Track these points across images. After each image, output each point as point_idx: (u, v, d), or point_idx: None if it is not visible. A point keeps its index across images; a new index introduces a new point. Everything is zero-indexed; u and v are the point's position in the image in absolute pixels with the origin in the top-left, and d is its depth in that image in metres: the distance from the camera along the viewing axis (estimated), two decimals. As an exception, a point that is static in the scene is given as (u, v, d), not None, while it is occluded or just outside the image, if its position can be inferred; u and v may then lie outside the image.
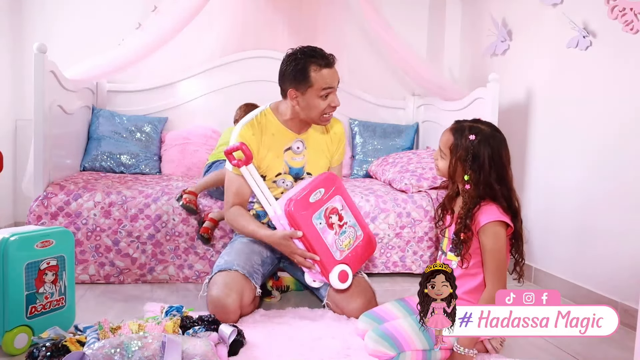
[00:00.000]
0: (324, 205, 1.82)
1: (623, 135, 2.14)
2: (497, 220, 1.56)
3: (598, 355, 1.77)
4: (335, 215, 1.83)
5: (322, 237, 1.78)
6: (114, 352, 1.32)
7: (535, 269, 2.62)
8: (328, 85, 1.91)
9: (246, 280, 1.87)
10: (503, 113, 2.72)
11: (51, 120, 2.37)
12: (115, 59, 2.79)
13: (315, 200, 1.79)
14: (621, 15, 2.11)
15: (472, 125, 1.62)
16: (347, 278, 1.81)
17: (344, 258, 1.82)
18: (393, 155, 3.09)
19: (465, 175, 1.59)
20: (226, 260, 1.94)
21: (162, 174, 3.06)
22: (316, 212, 1.79)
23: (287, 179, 2.03)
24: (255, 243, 2.04)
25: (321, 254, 1.77)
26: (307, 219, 1.77)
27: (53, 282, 1.66)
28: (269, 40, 3.44)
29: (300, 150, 2.03)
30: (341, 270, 1.79)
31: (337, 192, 1.87)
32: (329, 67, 1.92)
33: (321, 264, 1.78)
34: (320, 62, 1.91)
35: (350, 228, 1.87)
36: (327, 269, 1.78)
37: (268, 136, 1.99)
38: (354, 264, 1.85)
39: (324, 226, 1.79)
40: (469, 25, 3.47)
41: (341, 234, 1.84)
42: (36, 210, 2.25)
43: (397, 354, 1.54)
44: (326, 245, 1.78)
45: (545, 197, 2.59)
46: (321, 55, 1.93)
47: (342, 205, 1.87)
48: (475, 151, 1.57)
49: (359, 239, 1.88)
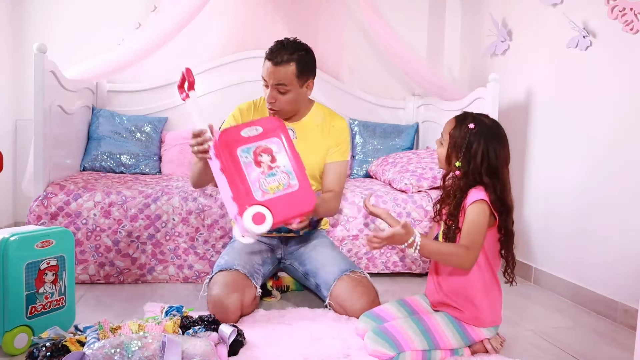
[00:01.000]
0: (256, 142, 1.64)
1: (623, 135, 2.14)
2: (482, 199, 1.56)
3: (598, 355, 1.77)
4: (267, 155, 1.64)
5: (243, 171, 1.60)
6: (114, 352, 1.32)
7: (535, 269, 2.62)
8: (264, 76, 2.00)
9: (247, 280, 1.87)
10: (503, 113, 2.72)
11: (51, 120, 2.37)
12: (115, 59, 2.79)
13: (247, 135, 1.64)
14: (621, 15, 2.11)
15: (475, 116, 1.65)
16: (263, 221, 1.58)
17: (265, 200, 1.60)
18: (393, 155, 3.09)
19: (457, 161, 1.60)
20: (226, 260, 1.94)
21: (162, 174, 3.06)
22: (244, 146, 1.63)
23: None
24: (256, 244, 2.04)
25: (238, 188, 1.59)
26: (231, 148, 1.61)
27: (53, 282, 1.66)
28: (269, 40, 3.38)
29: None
30: (258, 211, 1.57)
31: (276, 136, 1.67)
32: (269, 61, 1.97)
33: (237, 198, 1.59)
34: (267, 52, 1.99)
35: (283, 174, 1.64)
36: (242, 207, 1.58)
37: (260, 115, 2.06)
38: (278, 212, 1.61)
39: (250, 161, 1.62)
40: (469, 25, 3.47)
41: (269, 175, 1.63)
42: (36, 210, 2.25)
43: (396, 354, 1.54)
44: (247, 180, 1.60)
45: (545, 197, 2.59)
46: (273, 47, 1.99)
47: (279, 149, 1.67)
48: (470, 140, 1.59)
49: (291, 188, 1.64)
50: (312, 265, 2.04)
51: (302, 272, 2.09)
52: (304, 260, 2.08)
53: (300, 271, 2.10)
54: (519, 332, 1.93)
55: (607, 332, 2.00)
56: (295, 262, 2.12)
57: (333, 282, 1.95)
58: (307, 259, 2.08)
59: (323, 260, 2.03)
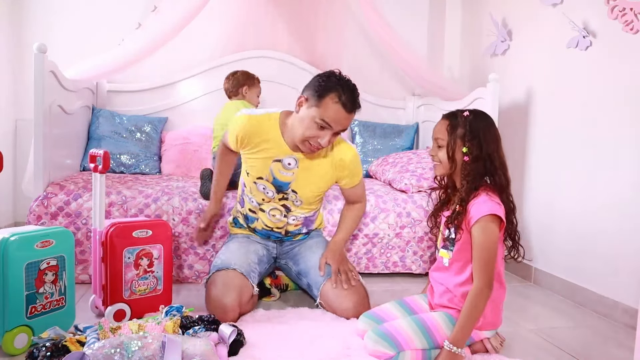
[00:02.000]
0: (142, 246, 1.85)
1: (623, 134, 2.14)
2: (490, 214, 1.56)
3: (598, 356, 1.77)
4: (147, 260, 1.87)
5: (122, 270, 1.81)
6: (114, 352, 1.32)
7: (535, 269, 2.62)
8: (330, 122, 1.77)
9: (244, 279, 1.88)
10: (503, 113, 2.72)
11: (51, 120, 2.37)
12: (115, 59, 2.79)
13: (137, 237, 1.84)
14: (621, 15, 2.11)
15: (463, 108, 1.69)
16: (123, 318, 1.81)
17: (130, 299, 1.83)
18: (393, 155, 3.09)
19: (464, 147, 1.60)
20: (223, 259, 1.95)
21: (162, 174, 3.06)
22: (131, 247, 1.83)
23: (269, 187, 1.96)
24: (251, 243, 2.06)
25: (111, 284, 1.80)
26: (119, 246, 1.81)
27: (53, 282, 1.66)
28: (269, 40, 3.44)
29: (291, 167, 1.93)
30: (119, 309, 1.81)
31: (161, 243, 1.90)
32: (345, 109, 1.77)
33: (106, 293, 1.81)
34: (343, 99, 1.77)
35: (154, 279, 1.89)
36: (108, 301, 1.81)
37: (262, 139, 1.91)
38: (136, 309, 1.84)
39: (131, 262, 1.83)
40: (469, 25, 3.47)
41: (142, 278, 1.86)
42: (36, 210, 2.25)
43: (396, 354, 1.54)
44: (121, 279, 1.81)
45: (545, 197, 2.59)
46: (350, 95, 1.78)
47: (159, 256, 1.89)
48: (472, 125, 1.61)
49: (155, 292, 1.89)
50: (305, 265, 2.06)
51: (295, 272, 2.11)
52: (298, 260, 2.09)
53: (294, 270, 2.11)
54: (519, 332, 1.93)
55: (607, 332, 2.00)
56: (290, 261, 2.13)
57: (322, 282, 1.96)
58: (300, 259, 2.09)
59: (315, 260, 2.04)
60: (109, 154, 1.80)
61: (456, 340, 1.53)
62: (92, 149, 1.91)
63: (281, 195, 1.98)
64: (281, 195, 1.98)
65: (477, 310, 1.54)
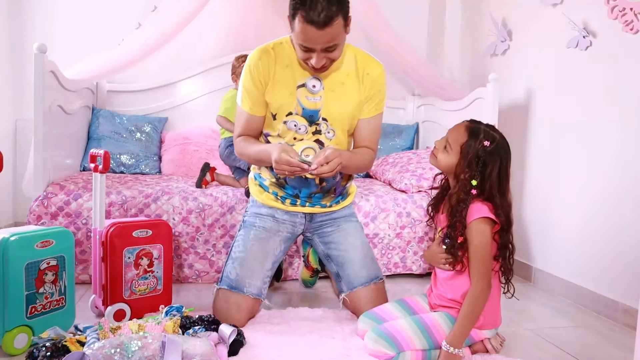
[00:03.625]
0: (142, 245, 1.86)
1: (623, 134, 2.14)
2: (482, 217, 1.56)
3: (598, 356, 1.77)
4: (147, 259, 1.87)
5: (122, 270, 1.82)
6: (114, 352, 1.32)
7: (535, 269, 2.62)
8: (306, 44, 1.68)
9: (257, 300, 1.87)
10: (503, 113, 2.72)
11: (51, 120, 2.37)
12: (115, 59, 2.79)
13: (137, 236, 1.85)
14: (621, 15, 2.11)
15: (488, 132, 1.59)
16: (123, 317, 1.82)
17: (129, 299, 1.84)
18: (393, 155, 3.09)
19: (473, 180, 1.57)
20: (238, 273, 1.85)
21: (162, 174, 3.06)
22: (131, 247, 1.84)
23: (300, 122, 1.83)
24: (272, 236, 1.93)
25: (111, 284, 1.81)
26: (120, 246, 1.81)
27: (53, 282, 1.66)
28: (269, 40, 3.42)
29: (317, 90, 1.81)
30: (119, 309, 1.82)
31: (161, 243, 1.90)
32: (315, 26, 1.62)
33: (106, 293, 1.82)
34: (309, 16, 1.61)
35: (154, 279, 1.90)
36: (108, 301, 1.82)
37: (281, 67, 1.82)
38: (136, 309, 1.85)
39: (131, 262, 1.84)
40: (469, 25, 3.47)
41: (142, 278, 1.87)
42: (36, 210, 2.25)
43: (396, 354, 1.54)
44: (121, 279, 1.82)
45: (545, 197, 2.59)
46: (315, 9, 1.60)
47: (159, 256, 1.90)
48: (487, 159, 1.56)
49: (156, 292, 1.91)
50: (339, 255, 1.96)
51: (324, 254, 2.01)
52: (329, 244, 1.98)
53: (322, 250, 2.01)
54: (519, 332, 1.93)
55: (607, 332, 2.00)
56: (318, 238, 2.01)
57: (358, 286, 1.92)
58: (332, 243, 1.97)
59: (353, 255, 1.94)
60: (109, 154, 1.80)
61: (454, 341, 1.53)
62: (92, 149, 1.91)
63: (314, 129, 1.85)
64: (314, 129, 1.85)
65: (475, 311, 1.55)
